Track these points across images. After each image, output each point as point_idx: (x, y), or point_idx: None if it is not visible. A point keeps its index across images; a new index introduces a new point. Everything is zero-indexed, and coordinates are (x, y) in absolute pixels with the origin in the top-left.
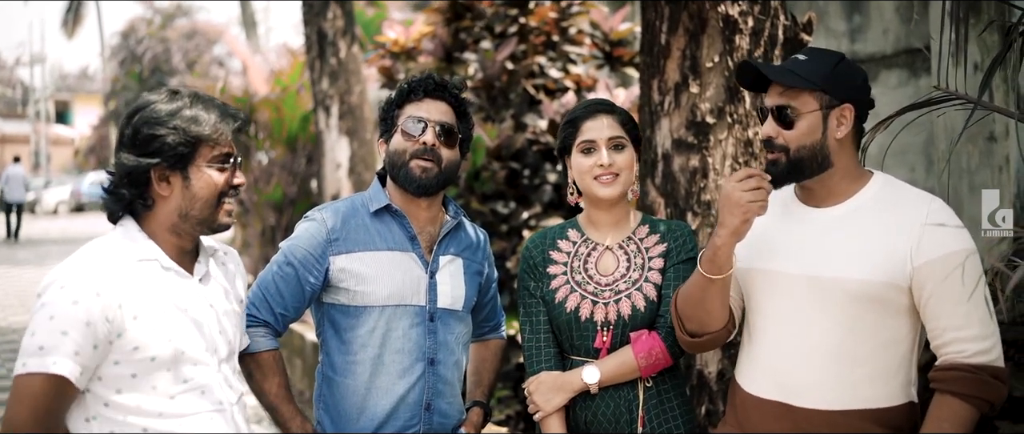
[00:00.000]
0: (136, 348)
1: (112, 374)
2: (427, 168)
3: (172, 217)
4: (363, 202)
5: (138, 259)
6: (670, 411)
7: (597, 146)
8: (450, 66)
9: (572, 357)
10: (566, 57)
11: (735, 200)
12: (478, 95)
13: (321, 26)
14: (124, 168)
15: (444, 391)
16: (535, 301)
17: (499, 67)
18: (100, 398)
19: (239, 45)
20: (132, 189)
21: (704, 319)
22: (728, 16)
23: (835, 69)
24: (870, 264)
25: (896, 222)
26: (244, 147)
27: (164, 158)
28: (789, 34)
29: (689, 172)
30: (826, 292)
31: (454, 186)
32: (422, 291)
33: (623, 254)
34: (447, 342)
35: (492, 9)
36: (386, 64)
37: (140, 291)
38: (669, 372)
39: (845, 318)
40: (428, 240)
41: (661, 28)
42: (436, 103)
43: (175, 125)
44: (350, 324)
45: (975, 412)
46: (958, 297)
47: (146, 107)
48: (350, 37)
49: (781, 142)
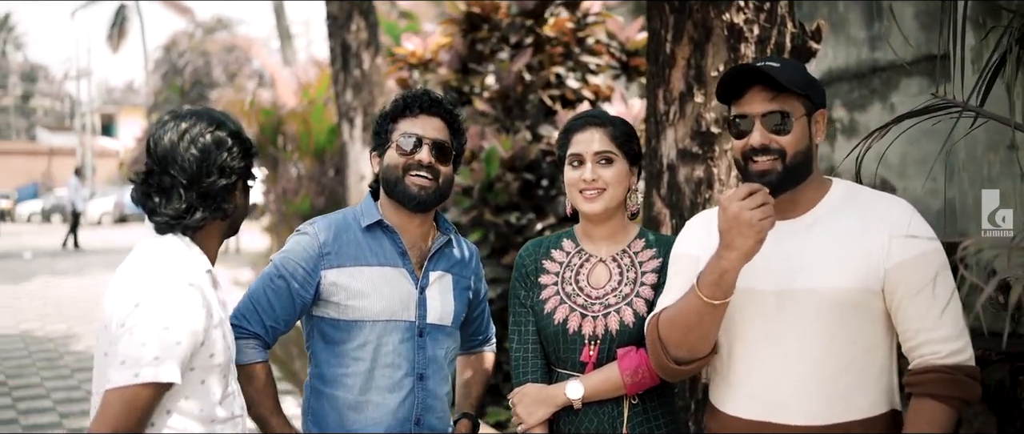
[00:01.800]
0: (212, 355)
1: (186, 379)
2: (425, 186)
3: (222, 228)
4: (355, 216)
5: (204, 270)
6: (657, 430)
7: (583, 160)
8: (466, 77)
9: (558, 370)
10: (586, 67)
11: (746, 221)
12: (493, 106)
13: (345, 38)
14: (215, 184)
15: (434, 406)
16: (525, 310)
17: (514, 78)
18: (163, 406)
19: (268, 58)
20: (210, 201)
21: (697, 345)
22: (733, 24)
23: (808, 75)
24: (842, 271)
25: (863, 226)
26: (273, 159)
27: (243, 170)
28: (797, 42)
29: (694, 182)
30: (800, 305)
31: (468, 197)
32: (412, 306)
33: (616, 267)
34: (436, 357)
35: (507, 20)
36: (404, 75)
37: (212, 301)
38: (657, 390)
39: (822, 329)
40: (419, 256)
41: (666, 37)
42: (431, 119)
43: (244, 138)
44: (340, 337)
45: (954, 413)
46: (930, 298)
47: (209, 132)
48: (374, 49)
49: (777, 147)
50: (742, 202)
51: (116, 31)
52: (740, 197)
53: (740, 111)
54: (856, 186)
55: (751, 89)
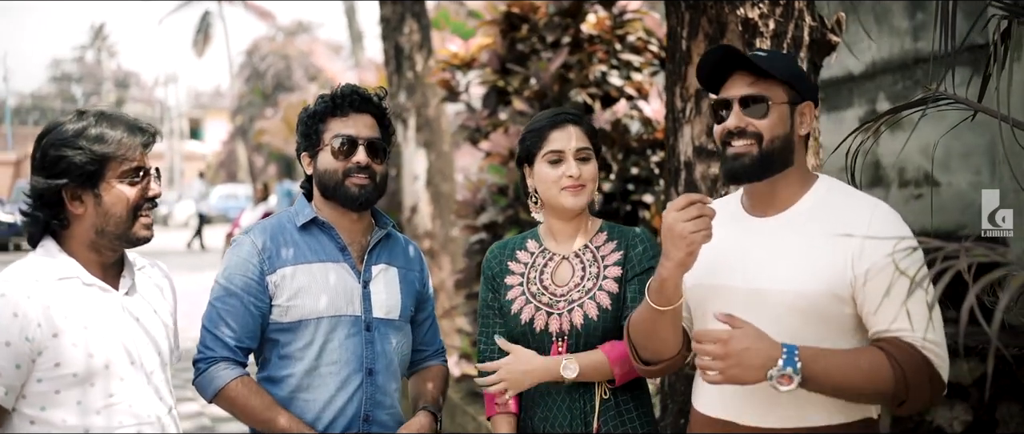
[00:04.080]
0: (58, 364)
1: (36, 391)
2: (364, 186)
3: (89, 234)
4: (289, 217)
5: (58, 278)
6: (629, 422)
7: (565, 157)
8: (505, 77)
9: None
10: (629, 65)
11: (677, 233)
12: (532, 105)
13: (398, 41)
14: (36, 190)
15: (383, 401)
16: (491, 313)
17: (552, 77)
18: (26, 416)
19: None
20: (46, 210)
21: (658, 348)
22: (747, 19)
23: (796, 67)
24: (810, 274)
25: (837, 229)
26: None
27: (72, 178)
28: (816, 36)
29: (710, 179)
30: (770, 306)
31: (504, 196)
32: (356, 301)
33: (579, 264)
34: (385, 352)
35: (545, 20)
36: (446, 77)
37: (60, 308)
38: (629, 384)
39: (786, 331)
40: (359, 250)
41: (682, 34)
42: (362, 116)
43: (81, 145)
44: (286, 338)
45: (891, 376)
46: (903, 303)
47: (53, 130)
48: (426, 51)
49: (753, 130)
50: (678, 213)
51: (201, 37)
52: (678, 207)
53: (721, 96)
54: (841, 185)
55: (733, 75)
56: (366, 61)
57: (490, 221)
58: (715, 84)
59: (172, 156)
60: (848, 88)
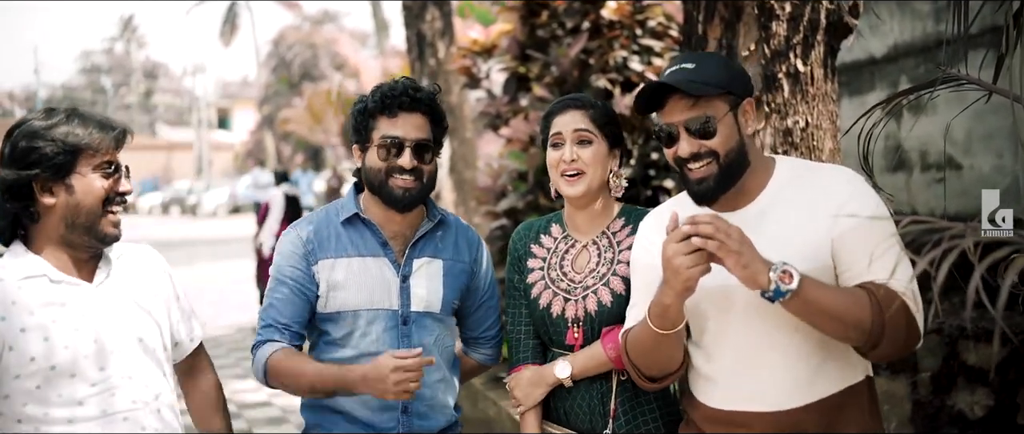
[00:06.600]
0: (32, 359)
1: (18, 389)
2: (409, 188)
3: (59, 228)
4: (336, 211)
5: (23, 277)
6: (645, 404)
7: (564, 140)
8: (525, 64)
9: (553, 350)
10: (650, 51)
11: (673, 268)
12: (552, 91)
13: (420, 28)
14: (5, 183)
15: (421, 392)
16: (518, 293)
17: (572, 62)
18: (11, 417)
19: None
20: (16, 203)
21: (664, 364)
22: (763, 3)
23: (728, 68)
24: (798, 255)
25: (809, 204)
26: None
27: (43, 168)
28: (833, 18)
29: None
30: None
31: (524, 182)
32: (394, 295)
33: (596, 250)
34: (424, 344)
35: (565, 6)
36: (467, 64)
37: (25, 304)
38: None
39: (787, 315)
40: (402, 243)
41: (698, 18)
42: (412, 116)
43: (52, 137)
44: (328, 327)
45: (870, 311)
46: (878, 261)
47: (23, 124)
48: (448, 38)
49: (707, 150)
50: (676, 245)
51: (228, 27)
52: (677, 239)
53: (665, 122)
54: (800, 163)
55: (670, 98)
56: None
57: (510, 207)
58: (652, 106)
59: (201, 146)
60: (870, 71)
